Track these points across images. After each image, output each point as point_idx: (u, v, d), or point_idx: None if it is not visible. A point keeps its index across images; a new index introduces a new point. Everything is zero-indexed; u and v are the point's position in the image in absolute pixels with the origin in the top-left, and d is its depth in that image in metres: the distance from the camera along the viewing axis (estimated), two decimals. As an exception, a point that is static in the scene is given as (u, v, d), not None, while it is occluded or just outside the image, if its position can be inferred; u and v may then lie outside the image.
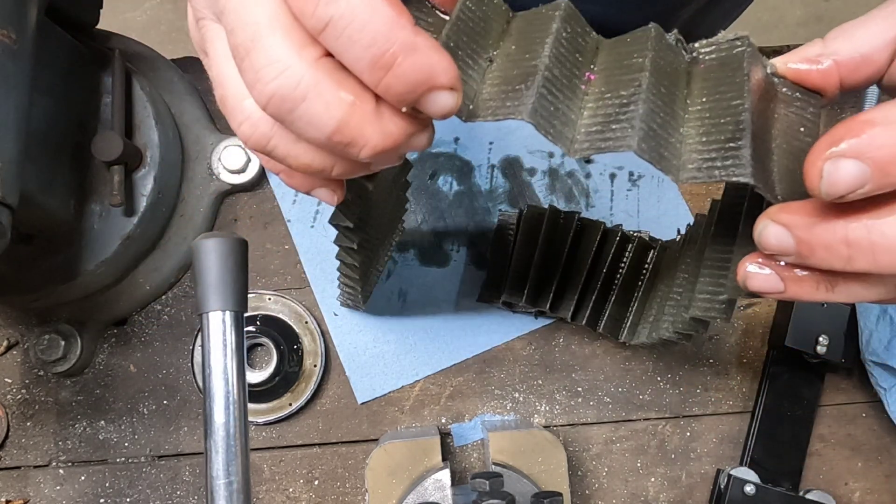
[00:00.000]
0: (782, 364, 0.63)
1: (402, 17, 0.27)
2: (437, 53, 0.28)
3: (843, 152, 0.26)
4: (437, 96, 0.28)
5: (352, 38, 0.27)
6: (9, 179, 0.44)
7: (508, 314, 0.64)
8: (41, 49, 0.50)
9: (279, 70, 0.28)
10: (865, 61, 0.34)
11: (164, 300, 0.63)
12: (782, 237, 0.30)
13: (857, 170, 0.26)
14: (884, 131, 0.26)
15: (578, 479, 0.63)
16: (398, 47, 0.27)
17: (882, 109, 0.27)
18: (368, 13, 0.26)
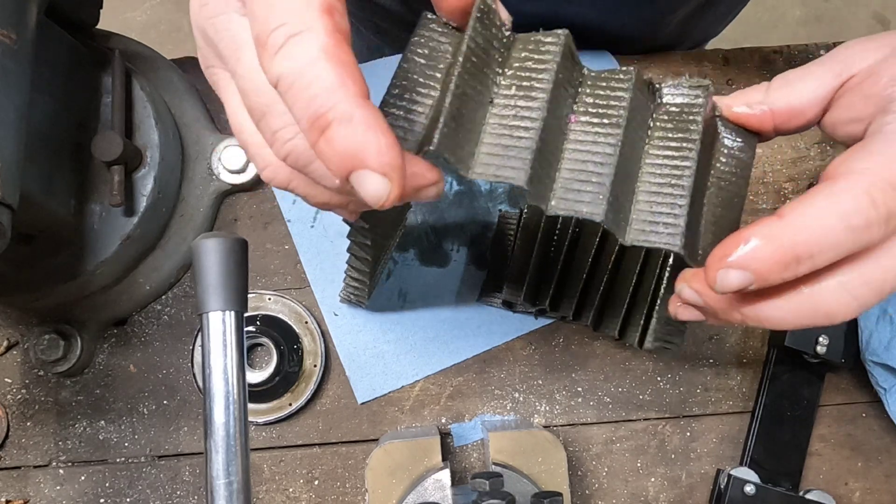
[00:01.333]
0: (782, 364, 0.63)
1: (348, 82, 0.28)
2: (374, 133, 0.28)
3: (731, 264, 0.33)
4: (365, 177, 0.28)
5: (295, 94, 0.28)
6: (9, 179, 0.44)
7: (508, 314, 0.64)
8: (41, 49, 0.50)
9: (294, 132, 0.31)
10: (797, 115, 0.39)
11: (164, 300, 0.63)
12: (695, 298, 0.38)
13: (742, 277, 0.33)
14: (763, 247, 0.33)
15: (578, 479, 0.63)
16: (334, 113, 0.27)
17: (761, 227, 0.33)
18: (311, 73, 0.27)
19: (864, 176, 0.33)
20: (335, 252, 0.63)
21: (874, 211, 0.32)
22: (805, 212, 0.33)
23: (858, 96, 0.38)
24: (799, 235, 0.32)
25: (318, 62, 0.28)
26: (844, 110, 0.39)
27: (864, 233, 0.32)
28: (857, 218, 0.32)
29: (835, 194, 0.33)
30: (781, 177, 0.67)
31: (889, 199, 0.32)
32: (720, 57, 0.69)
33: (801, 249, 0.32)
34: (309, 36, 0.28)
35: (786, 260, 0.32)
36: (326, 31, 0.28)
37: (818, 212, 0.32)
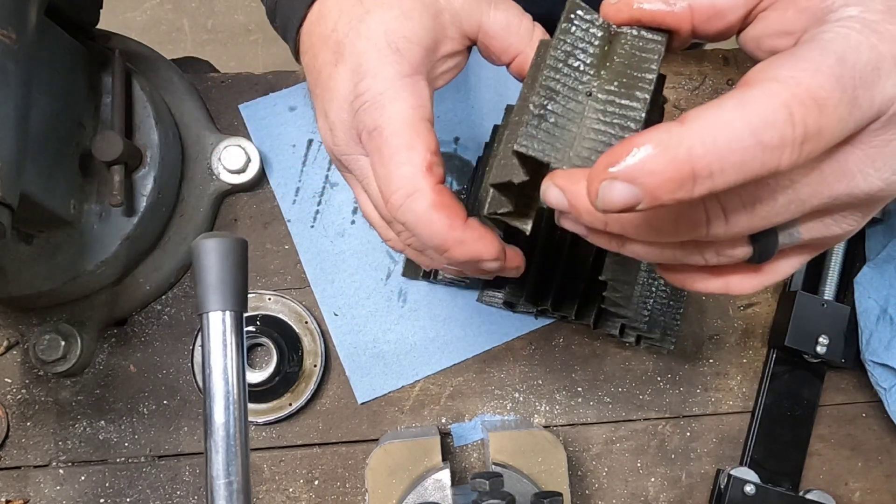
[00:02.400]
0: (782, 364, 0.63)
1: (454, 219, 0.39)
2: (480, 243, 0.40)
3: (616, 174, 0.27)
4: (485, 265, 0.42)
5: (420, 234, 0.40)
6: (9, 179, 0.44)
7: (508, 314, 0.64)
8: (41, 49, 0.50)
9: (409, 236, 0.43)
10: (718, 15, 0.34)
11: (164, 300, 0.63)
12: (560, 198, 0.32)
13: (628, 192, 0.27)
14: (655, 157, 0.27)
15: (578, 479, 0.63)
16: (450, 242, 0.40)
17: (657, 133, 0.27)
18: (428, 221, 0.39)
19: (785, 85, 0.27)
20: (335, 252, 0.64)
21: (790, 129, 0.27)
22: (711, 118, 0.27)
23: (792, 9, 0.33)
24: (701, 147, 0.26)
25: (431, 213, 0.39)
26: (772, 22, 0.34)
27: (773, 153, 0.27)
28: (771, 133, 0.27)
29: (748, 102, 0.27)
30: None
31: (809, 116, 0.27)
32: (720, 57, 0.69)
33: (700, 164, 0.27)
34: (419, 196, 0.39)
35: (682, 175, 0.27)
36: (431, 188, 0.39)
37: (726, 120, 0.27)
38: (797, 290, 0.62)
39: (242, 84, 0.65)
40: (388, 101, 0.40)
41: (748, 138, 0.27)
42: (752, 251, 0.33)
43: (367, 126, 0.40)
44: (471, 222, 0.40)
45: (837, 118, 0.28)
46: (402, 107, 0.40)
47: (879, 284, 0.62)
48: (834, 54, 0.28)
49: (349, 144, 0.43)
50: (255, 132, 0.65)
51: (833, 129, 0.28)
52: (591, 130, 0.35)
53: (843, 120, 0.28)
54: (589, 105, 0.36)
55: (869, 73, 0.28)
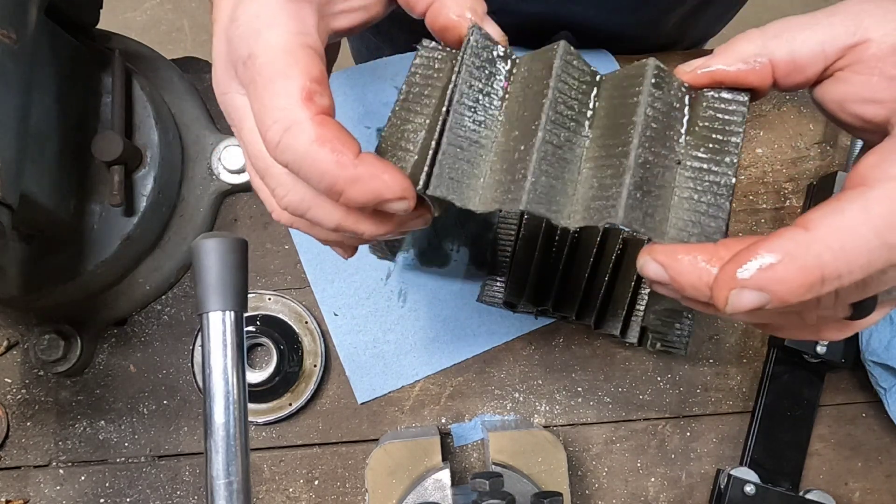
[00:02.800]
0: (782, 364, 0.63)
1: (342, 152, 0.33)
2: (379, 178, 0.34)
3: (746, 283, 0.28)
4: (390, 205, 0.35)
5: (306, 175, 0.34)
6: (9, 179, 0.44)
7: (508, 314, 0.64)
8: (41, 49, 0.50)
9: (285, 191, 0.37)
10: (798, 69, 0.34)
11: (164, 300, 0.63)
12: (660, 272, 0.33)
13: (758, 298, 0.29)
14: (785, 266, 0.28)
15: (578, 479, 0.63)
16: (342, 181, 0.34)
17: (783, 241, 0.28)
18: (312, 158, 0.33)
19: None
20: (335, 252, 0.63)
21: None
22: (836, 224, 0.28)
23: (878, 75, 0.33)
24: (829, 253, 0.28)
25: (313, 148, 0.33)
26: (858, 87, 0.34)
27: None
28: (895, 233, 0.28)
29: (871, 205, 0.28)
30: (781, 177, 0.67)
31: None
32: (720, 57, 0.69)
33: (829, 269, 0.28)
34: (297, 130, 0.33)
35: (811, 281, 0.28)
36: (310, 119, 0.33)
37: (850, 225, 0.28)
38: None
39: (242, 84, 0.65)
40: (265, 25, 0.35)
41: (874, 240, 0.28)
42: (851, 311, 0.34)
43: (241, 55, 0.36)
44: (364, 156, 0.34)
45: None
46: (279, 32, 0.35)
47: (879, 284, 0.62)
48: None
49: (225, 80, 0.38)
50: (255, 132, 0.64)
51: None
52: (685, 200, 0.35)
53: None
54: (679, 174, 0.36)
55: None
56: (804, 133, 0.67)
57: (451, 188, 0.35)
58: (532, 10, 0.66)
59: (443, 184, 0.35)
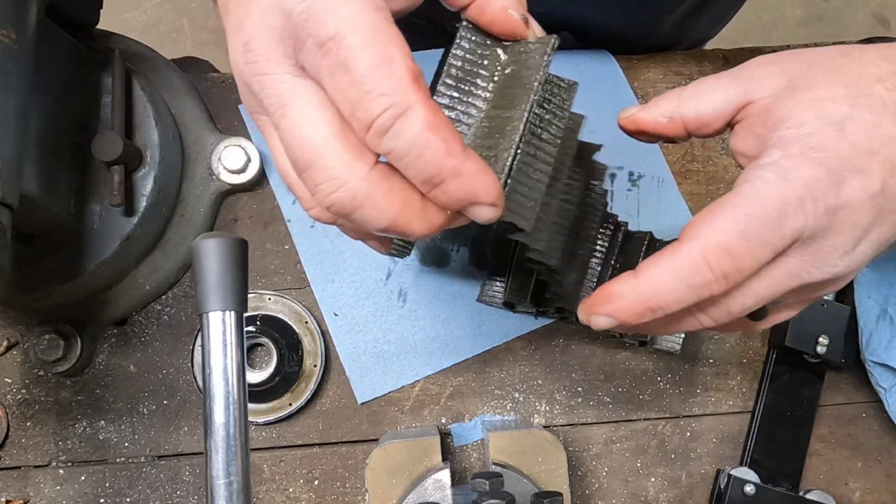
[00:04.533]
0: (782, 364, 0.63)
1: (452, 145, 0.32)
2: (481, 177, 0.33)
3: (599, 312, 0.40)
4: (478, 209, 0.34)
5: (410, 162, 0.32)
6: (9, 179, 0.44)
7: (508, 314, 0.64)
8: (41, 49, 0.50)
9: (336, 185, 0.33)
10: (705, 125, 0.42)
11: (164, 300, 0.63)
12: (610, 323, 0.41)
13: (609, 321, 0.40)
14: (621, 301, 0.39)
15: (578, 479, 0.63)
16: (447, 171, 0.32)
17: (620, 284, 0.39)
18: (423, 146, 0.32)
19: (701, 242, 0.37)
20: (335, 252, 0.64)
21: (710, 273, 0.37)
22: (654, 273, 0.38)
23: (749, 132, 0.40)
24: (649, 293, 0.38)
25: (425, 135, 0.32)
26: (740, 141, 0.41)
27: (704, 289, 0.37)
28: (697, 279, 0.37)
29: (677, 258, 0.37)
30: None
31: (724, 263, 0.36)
32: (720, 57, 0.69)
33: (651, 303, 0.38)
34: (412, 114, 0.32)
35: (640, 311, 0.38)
36: (423, 104, 0.32)
37: (664, 273, 0.37)
38: (797, 290, 0.62)
39: (242, 84, 0.65)
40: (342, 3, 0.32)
41: (679, 283, 0.37)
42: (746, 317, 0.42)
43: (316, 35, 0.32)
44: (471, 152, 0.33)
45: (750, 257, 0.36)
46: (359, 8, 0.32)
47: (879, 284, 0.62)
48: (743, 214, 0.37)
49: (270, 60, 0.34)
50: (255, 132, 0.65)
51: (749, 264, 0.37)
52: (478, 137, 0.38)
53: (756, 257, 0.37)
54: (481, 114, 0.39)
55: (775, 217, 0.36)
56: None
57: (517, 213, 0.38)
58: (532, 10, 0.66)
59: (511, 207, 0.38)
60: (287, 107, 0.34)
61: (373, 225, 0.34)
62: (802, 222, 0.36)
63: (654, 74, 0.68)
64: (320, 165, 0.33)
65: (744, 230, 0.36)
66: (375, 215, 0.34)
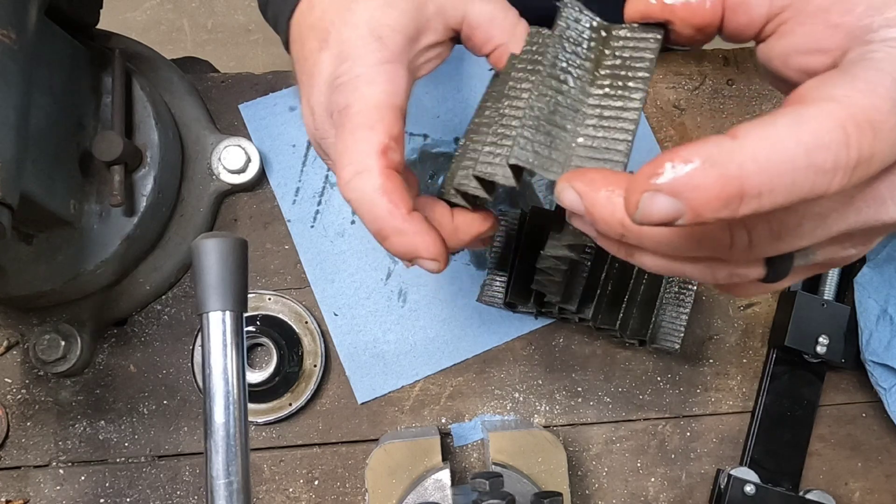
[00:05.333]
0: (782, 364, 0.63)
1: (399, 206, 0.38)
2: (421, 237, 0.39)
3: (661, 187, 0.26)
4: (422, 262, 0.40)
5: (363, 215, 0.39)
6: (9, 179, 0.44)
7: (508, 314, 0.64)
8: (41, 49, 0.50)
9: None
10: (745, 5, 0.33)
11: (164, 300, 0.63)
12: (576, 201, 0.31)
13: (671, 206, 0.26)
14: (703, 172, 0.25)
15: (578, 479, 0.63)
16: (389, 230, 0.39)
17: (707, 146, 0.26)
18: (371, 203, 0.39)
19: (841, 105, 0.26)
20: (335, 252, 0.64)
21: (845, 152, 0.26)
22: (764, 135, 0.26)
23: (822, 24, 0.32)
24: (753, 164, 0.25)
25: (375, 195, 0.38)
26: (803, 38, 0.33)
27: (825, 176, 0.26)
28: (825, 155, 0.25)
29: (804, 121, 0.26)
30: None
31: (864, 140, 0.26)
32: (720, 57, 0.69)
33: (751, 182, 0.25)
34: (367, 176, 0.38)
35: (729, 192, 0.25)
36: (380, 171, 0.38)
37: (780, 138, 0.26)
38: (797, 290, 0.62)
39: (242, 84, 0.65)
40: (364, 83, 0.40)
41: (802, 159, 0.25)
42: (765, 273, 0.32)
43: (338, 104, 0.41)
44: (415, 215, 0.39)
45: (890, 143, 0.27)
46: (375, 91, 0.40)
47: (879, 284, 0.62)
48: (889, 76, 0.27)
49: (325, 127, 0.43)
50: (255, 132, 0.65)
51: (884, 154, 0.27)
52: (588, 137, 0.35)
53: (894, 145, 0.27)
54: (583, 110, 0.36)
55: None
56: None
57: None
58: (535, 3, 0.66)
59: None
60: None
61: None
62: None
63: (654, 74, 0.68)
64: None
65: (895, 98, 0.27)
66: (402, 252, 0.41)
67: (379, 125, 0.39)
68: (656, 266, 0.33)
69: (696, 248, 0.31)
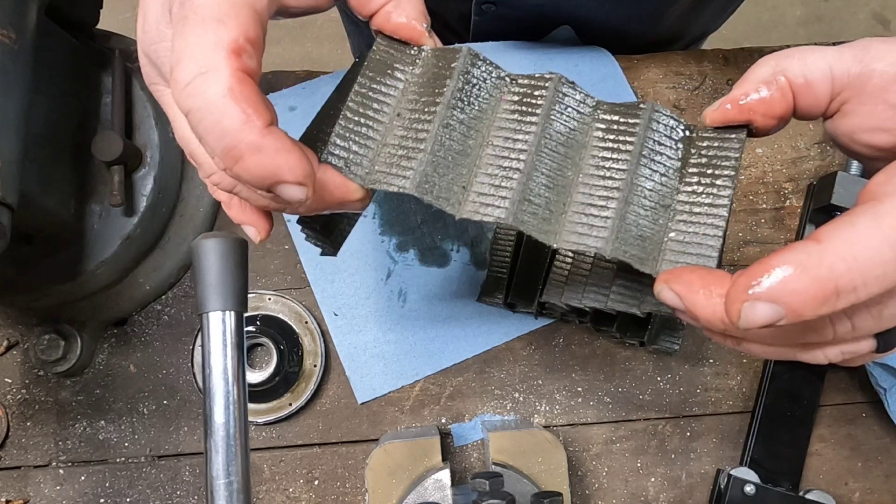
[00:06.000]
0: (782, 364, 0.63)
1: (253, 116, 0.30)
2: (283, 155, 0.31)
3: (759, 296, 0.28)
4: (285, 188, 0.32)
5: (206, 129, 0.31)
6: (9, 179, 0.44)
7: (508, 314, 0.64)
8: (41, 49, 0.50)
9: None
10: (810, 89, 0.35)
11: (164, 300, 0.63)
12: (676, 301, 0.33)
13: (771, 311, 0.28)
14: (798, 277, 0.28)
15: (578, 479, 0.63)
16: (244, 146, 0.30)
17: (795, 253, 0.28)
18: (220, 111, 0.30)
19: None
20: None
21: None
22: (848, 236, 0.28)
23: (883, 104, 0.34)
24: (842, 264, 0.28)
25: (224, 101, 0.30)
26: (865, 118, 0.35)
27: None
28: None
29: (883, 217, 0.28)
30: (781, 177, 0.67)
31: None
32: (720, 57, 0.69)
33: (843, 280, 0.28)
34: (215, 76, 0.30)
35: (825, 293, 0.28)
36: (231, 71, 0.30)
37: (864, 237, 0.28)
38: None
39: (242, 84, 0.65)
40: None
41: (888, 252, 0.28)
42: (875, 345, 0.33)
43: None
44: (275, 129, 0.31)
45: None
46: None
47: (879, 284, 0.62)
48: None
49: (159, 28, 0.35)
50: (255, 132, 0.64)
51: None
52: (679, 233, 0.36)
53: None
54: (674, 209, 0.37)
55: None
56: (804, 133, 0.67)
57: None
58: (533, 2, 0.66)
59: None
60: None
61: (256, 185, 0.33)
62: None
63: (654, 74, 0.68)
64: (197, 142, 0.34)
65: None
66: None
67: (231, 20, 0.31)
68: (765, 353, 0.35)
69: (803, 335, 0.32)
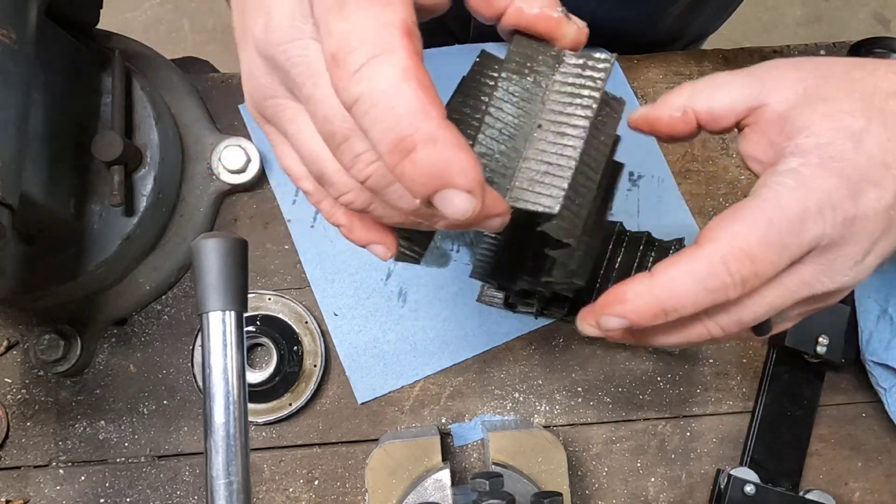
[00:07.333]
0: (782, 364, 0.63)
1: (431, 105, 0.28)
2: (458, 153, 0.28)
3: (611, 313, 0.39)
4: (451, 195, 0.28)
5: (376, 117, 0.28)
6: (9, 179, 0.44)
7: (508, 314, 0.64)
8: (41, 49, 0.50)
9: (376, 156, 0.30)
10: (715, 120, 0.41)
11: (164, 300, 0.63)
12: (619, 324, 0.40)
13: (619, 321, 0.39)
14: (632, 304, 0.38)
15: (578, 479, 0.63)
16: (419, 135, 0.27)
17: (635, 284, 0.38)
18: (394, 96, 0.27)
19: (721, 245, 0.36)
20: (335, 252, 0.64)
21: (729, 277, 0.36)
22: (670, 274, 0.37)
23: (763, 137, 0.40)
24: (664, 293, 0.37)
25: (401, 85, 0.27)
26: (751, 145, 0.41)
27: (720, 293, 0.37)
28: (714, 282, 0.36)
29: (695, 260, 0.37)
30: (781, 177, 0.67)
31: (743, 267, 0.36)
32: (720, 57, 0.69)
33: (666, 304, 0.37)
34: (391, 58, 0.28)
35: (655, 312, 0.38)
36: (407, 53, 0.28)
37: (680, 275, 0.37)
38: (797, 290, 0.62)
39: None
40: None
41: (697, 285, 0.36)
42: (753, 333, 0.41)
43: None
44: (450, 124, 0.28)
45: (769, 262, 0.36)
46: None
47: (879, 284, 0.62)
48: (764, 218, 0.36)
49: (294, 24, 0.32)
50: (255, 132, 0.65)
51: (767, 269, 0.36)
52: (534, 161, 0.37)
53: (775, 263, 0.36)
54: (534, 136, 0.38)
55: (796, 224, 0.36)
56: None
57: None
58: None
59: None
60: (319, 75, 0.31)
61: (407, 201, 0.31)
62: (821, 230, 0.36)
63: (654, 74, 0.68)
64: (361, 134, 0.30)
65: (764, 235, 0.36)
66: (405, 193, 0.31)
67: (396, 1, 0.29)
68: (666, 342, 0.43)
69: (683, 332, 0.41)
